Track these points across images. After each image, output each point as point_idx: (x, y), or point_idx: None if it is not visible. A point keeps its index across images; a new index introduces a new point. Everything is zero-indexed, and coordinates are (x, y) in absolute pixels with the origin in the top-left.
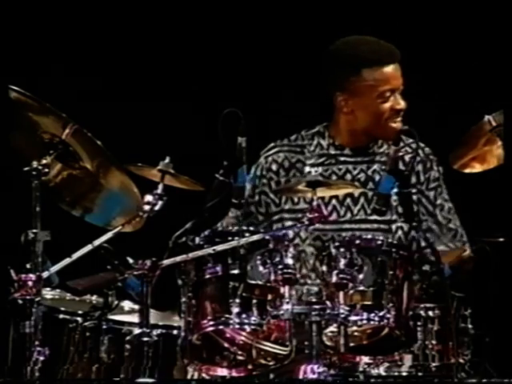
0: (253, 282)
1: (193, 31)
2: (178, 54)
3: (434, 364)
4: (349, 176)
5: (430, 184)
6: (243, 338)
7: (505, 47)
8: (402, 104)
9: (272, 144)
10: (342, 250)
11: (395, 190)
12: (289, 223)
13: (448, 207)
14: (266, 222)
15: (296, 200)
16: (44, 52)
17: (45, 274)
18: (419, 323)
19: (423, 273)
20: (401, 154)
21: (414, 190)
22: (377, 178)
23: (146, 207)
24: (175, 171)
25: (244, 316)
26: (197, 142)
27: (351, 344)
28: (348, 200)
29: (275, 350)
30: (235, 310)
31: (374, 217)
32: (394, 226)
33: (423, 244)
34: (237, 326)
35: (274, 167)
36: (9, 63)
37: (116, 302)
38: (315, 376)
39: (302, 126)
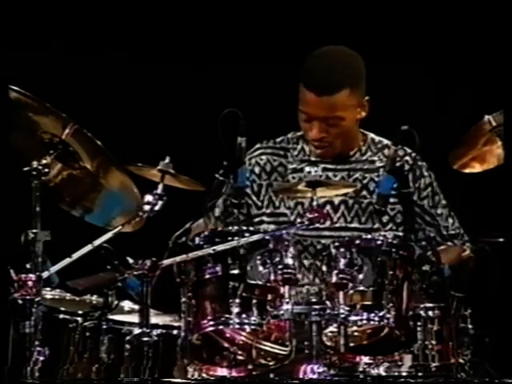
0: (253, 281)
1: (193, 31)
2: (178, 53)
3: (433, 364)
4: None
5: (422, 193)
6: (243, 338)
7: (505, 47)
8: (311, 134)
9: (257, 145)
10: (341, 249)
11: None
12: (270, 226)
13: (446, 214)
14: (247, 222)
15: (277, 204)
16: (44, 51)
17: (45, 274)
18: (419, 323)
19: (423, 273)
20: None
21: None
22: (359, 186)
23: (146, 207)
24: (175, 171)
25: (244, 316)
26: (197, 142)
27: (351, 344)
28: (328, 207)
29: (275, 350)
30: (235, 309)
31: (354, 224)
32: (376, 235)
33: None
34: (237, 326)
35: (256, 170)
36: (8, 62)
37: (116, 302)
38: (315, 376)
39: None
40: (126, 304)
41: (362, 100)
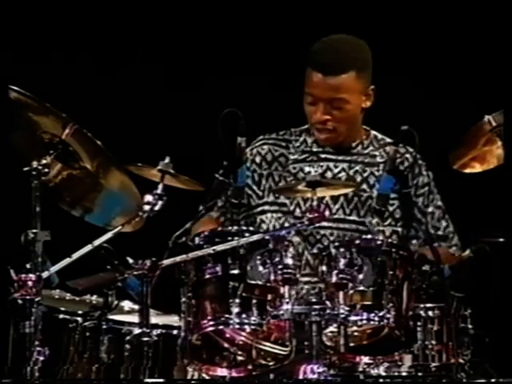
0: (253, 282)
1: (192, 32)
2: (178, 54)
3: (433, 364)
4: (329, 174)
5: (419, 190)
6: (243, 338)
7: (505, 47)
8: (316, 116)
9: (260, 137)
10: (341, 249)
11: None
12: (269, 215)
13: (439, 214)
14: (247, 213)
15: (277, 194)
16: (44, 51)
17: (45, 274)
18: (419, 323)
19: (423, 273)
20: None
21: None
22: (359, 178)
23: (146, 207)
24: (175, 171)
25: (244, 316)
26: (197, 142)
27: (351, 344)
28: (327, 198)
29: (275, 350)
30: (235, 310)
31: (353, 217)
32: (373, 227)
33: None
34: (237, 326)
35: (257, 159)
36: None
37: (116, 302)
38: (315, 376)
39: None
40: (126, 304)
41: (368, 88)
